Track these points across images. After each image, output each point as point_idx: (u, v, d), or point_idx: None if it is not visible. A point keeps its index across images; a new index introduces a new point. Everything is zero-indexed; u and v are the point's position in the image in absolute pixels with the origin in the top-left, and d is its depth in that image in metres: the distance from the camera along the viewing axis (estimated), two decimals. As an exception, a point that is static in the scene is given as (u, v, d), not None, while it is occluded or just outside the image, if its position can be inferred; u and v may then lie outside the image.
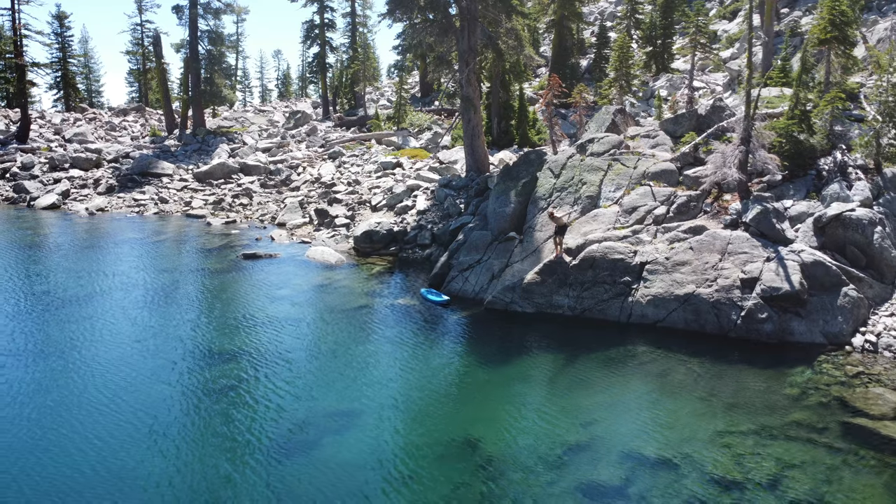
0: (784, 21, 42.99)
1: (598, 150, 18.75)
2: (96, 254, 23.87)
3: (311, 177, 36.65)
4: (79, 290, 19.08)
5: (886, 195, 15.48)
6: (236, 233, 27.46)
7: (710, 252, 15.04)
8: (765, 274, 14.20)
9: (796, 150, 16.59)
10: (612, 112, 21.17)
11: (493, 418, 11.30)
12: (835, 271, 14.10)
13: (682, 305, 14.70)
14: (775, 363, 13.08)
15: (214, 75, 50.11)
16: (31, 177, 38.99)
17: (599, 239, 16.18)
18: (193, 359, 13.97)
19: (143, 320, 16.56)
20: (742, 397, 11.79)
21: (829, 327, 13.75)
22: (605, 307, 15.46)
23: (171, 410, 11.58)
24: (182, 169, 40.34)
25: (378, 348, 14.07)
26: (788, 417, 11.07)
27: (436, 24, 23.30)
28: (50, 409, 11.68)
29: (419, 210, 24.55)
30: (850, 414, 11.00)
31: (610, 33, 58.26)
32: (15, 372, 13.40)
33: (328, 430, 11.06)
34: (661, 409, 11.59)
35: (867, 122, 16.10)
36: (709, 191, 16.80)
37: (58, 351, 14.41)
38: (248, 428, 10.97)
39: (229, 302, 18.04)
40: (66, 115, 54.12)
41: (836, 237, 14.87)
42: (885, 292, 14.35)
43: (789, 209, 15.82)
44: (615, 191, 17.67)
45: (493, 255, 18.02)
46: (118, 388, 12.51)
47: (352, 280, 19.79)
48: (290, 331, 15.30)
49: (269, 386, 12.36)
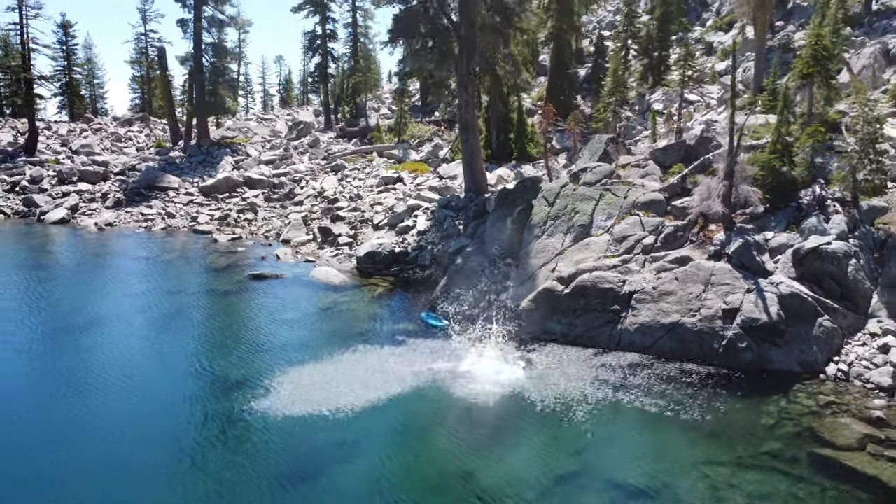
0: (778, 35, 43.67)
1: (590, 179, 19.64)
2: (109, 275, 24.78)
3: (314, 191, 37.54)
4: (93, 315, 19.95)
5: (862, 228, 16.34)
6: (242, 250, 28.35)
7: (694, 283, 15.91)
8: (745, 305, 15.07)
9: (778, 182, 17.45)
10: (604, 141, 22.03)
11: (485, 448, 12.14)
12: (810, 303, 14.97)
13: (668, 334, 15.58)
14: (754, 392, 13.94)
15: (218, 87, 50.99)
16: (41, 190, 39.88)
17: (591, 268, 17.05)
18: (204, 387, 14.85)
19: (155, 348, 17.44)
20: (721, 427, 12.64)
21: (805, 356, 14.63)
22: (596, 334, 16.35)
23: (180, 439, 12.44)
24: (188, 182, 41.24)
25: (379, 377, 14.87)
26: (763, 448, 11.93)
27: (436, 50, 24.15)
28: (57, 436, 12.58)
29: (419, 230, 25.44)
30: (819, 445, 11.85)
31: (607, 42, 59.11)
32: (33, 400, 14.32)
33: (335, 459, 11.94)
34: (646, 437, 12.45)
35: (844, 157, 16.92)
36: (695, 221, 17.66)
37: (72, 381, 15.26)
38: (256, 455, 11.83)
39: (239, 327, 18.91)
40: (73, 125, 55.01)
41: (813, 269, 15.74)
42: (858, 322, 15.21)
43: (770, 241, 16.69)
44: (606, 220, 18.55)
45: (490, 280, 18.91)
46: (126, 419, 13.34)
47: (356, 303, 20.68)
48: (297, 358, 16.14)
49: (276, 414, 13.18)
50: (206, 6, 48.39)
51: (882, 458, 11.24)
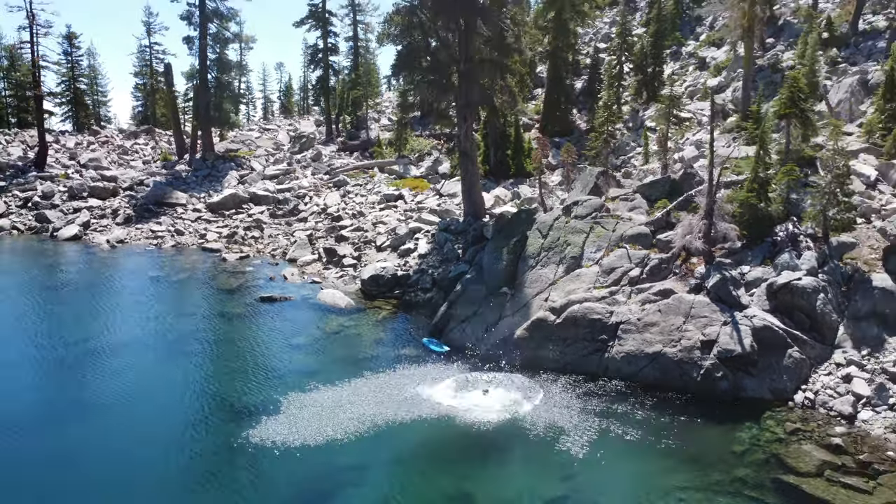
0: (767, 54, 44.82)
1: (581, 213, 20.96)
2: (124, 297, 26.05)
3: (318, 207, 38.83)
4: (112, 339, 21.24)
5: (831, 263, 17.66)
6: (251, 270, 29.64)
7: (675, 315, 17.24)
8: (721, 337, 16.41)
9: (755, 219, 18.78)
10: (595, 174, 23.34)
11: (482, 471, 13.45)
12: (781, 335, 16.30)
13: (651, 363, 16.90)
14: (728, 419, 15.26)
15: (223, 101, 52.24)
16: (52, 206, 41.13)
17: (581, 299, 18.37)
18: (221, 411, 16.14)
19: (172, 373, 18.72)
20: (698, 454, 13.95)
21: (776, 384, 15.96)
22: (585, 362, 17.67)
23: (200, 458, 13.78)
24: (195, 198, 42.50)
25: (384, 404, 16.13)
26: (734, 474, 13.23)
27: (436, 83, 25.42)
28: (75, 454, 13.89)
29: (420, 254, 26.75)
30: (783, 471, 13.17)
31: (602, 54, 60.33)
32: (52, 421, 15.57)
33: (343, 483, 13.27)
34: (628, 464, 13.74)
35: (816, 197, 18.21)
36: (678, 254, 18.97)
37: (94, 403, 16.57)
38: (270, 477, 13.13)
39: (252, 353, 20.17)
40: (80, 138, 56.18)
41: (785, 302, 17.07)
42: (826, 353, 16.53)
43: (746, 274, 18.03)
44: (596, 252, 19.87)
45: (488, 308, 20.23)
46: (146, 440, 14.76)
47: (361, 327, 21.99)
48: (308, 385, 17.36)
49: (289, 440, 14.44)
50: (212, 24, 49.64)
51: (837, 484, 12.57)
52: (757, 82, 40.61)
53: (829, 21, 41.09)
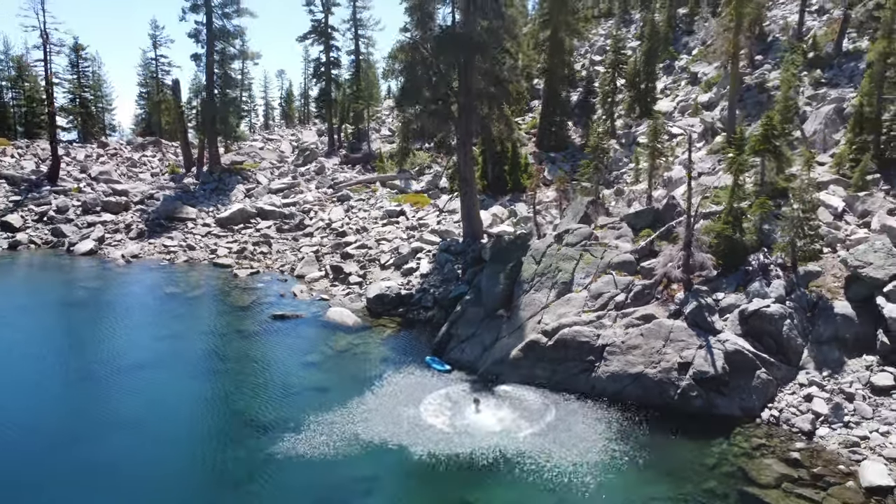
0: (757, 72, 46.35)
1: (572, 241, 22.71)
2: (144, 314, 27.76)
3: (323, 222, 40.53)
4: (135, 356, 22.89)
5: (798, 291, 19.42)
6: (262, 286, 31.35)
7: (656, 339, 18.98)
8: (697, 360, 18.16)
9: (730, 249, 20.53)
10: (585, 204, 25.08)
11: (479, 482, 15.16)
12: (751, 358, 18.05)
13: (634, 382, 18.64)
14: (701, 435, 16.97)
15: (228, 115, 53.90)
16: (67, 220, 42.76)
17: (570, 323, 20.11)
18: (243, 427, 17.77)
19: (193, 390, 20.40)
20: (673, 467, 15.65)
21: (745, 403, 17.71)
22: (574, 381, 19.40)
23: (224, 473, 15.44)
24: (204, 212, 44.20)
25: (391, 419, 17.86)
26: (703, 486, 14.95)
27: (438, 114, 27.13)
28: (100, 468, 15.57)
29: (422, 273, 28.48)
30: (746, 483, 14.90)
31: (598, 66, 61.97)
32: (76, 436, 17.20)
33: (355, 493, 14.96)
34: (611, 475, 15.43)
35: (784, 229, 19.94)
36: (659, 281, 20.71)
37: (120, 419, 18.17)
38: (287, 487, 14.82)
39: (268, 370, 21.84)
40: (90, 150, 57.78)
41: (755, 327, 18.82)
42: (791, 374, 18.28)
43: (721, 301, 19.79)
44: (585, 277, 21.61)
45: (485, 329, 21.97)
46: (169, 454, 16.42)
47: (368, 345, 23.71)
48: (320, 401, 19.05)
49: (305, 453, 16.12)
50: (218, 42, 51.29)
51: (792, 495, 14.31)
52: (745, 101, 42.39)
53: (815, 41, 42.72)
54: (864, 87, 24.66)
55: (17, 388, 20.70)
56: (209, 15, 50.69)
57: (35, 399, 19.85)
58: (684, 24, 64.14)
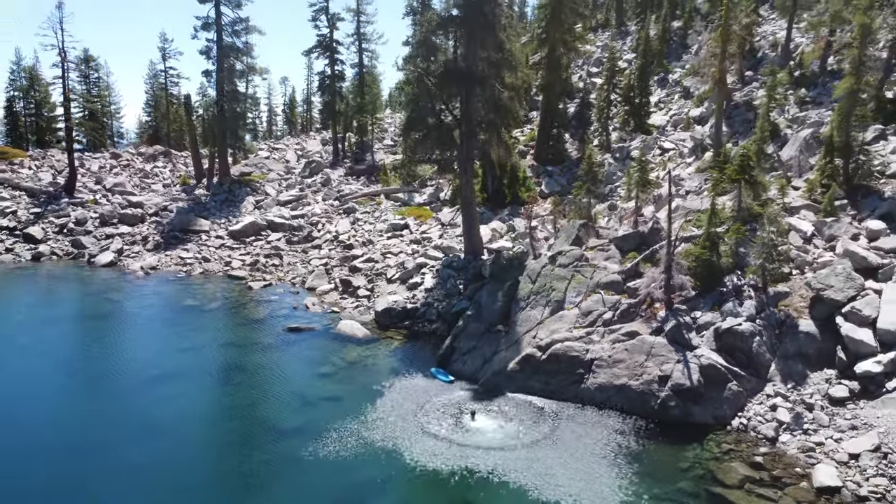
0: (746, 88, 48.10)
1: (564, 262, 24.79)
2: (168, 327, 29.76)
3: (330, 235, 42.60)
4: (162, 368, 24.77)
5: (767, 310, 21.49)
6: (275, 298, 33.42)
7: (639, 353, 21.06)
8: (675, 373, 20.24)
9: (707, 271, 22.60)
10: (577, 227, 27.16)
11: (480, 482, 17.21)
12: (723, 371, 20.13)
13: (619, 393, 20.72)
14: (677, 440, 19.05)
15: (238, 129, 55.99)
16: (86, 232, 44.82)
17: (562, 339, 22.19)
18: (264, 433, 19.80)
19: (219, 399, 22.53)
20: (650, 469, 17.71)
21: (718, 412, 19.78)
22: (566, 391, 21.47)
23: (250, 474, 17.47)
24: (216, 224, 46.26)
25: (400, 427, 19.92)
26: (676, 486, 17.02)
27: (441, 140, 29.22)
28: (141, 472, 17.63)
29: (426, 288, 30.55)
30: (714, 484, 16.96)
31: (595, 79, 63.99)
32: (117, 443, 19.21)
33: (369, 493, 17.00)
34: (595, 475, 17.48)
35: (756, 254, 21.99)
36: (643, 300, 22.79)
37: (152, 427, 20.13)
38: (309, 488, 16.86)
39: (286, 380, 23.86)
40: (103, 161, 59.76)
41: (728, 344, 20.89)
42: (759, 386, 20.35)
43: (698, 319, 21.86)
44: (576, 296, 23.68)
45: (485, 343, 24.05)
46: (202, 459, 18.45)
47: (377, 357, 25.79)
48: (337, 409, 21.14)
49: (324, 457, 18.15)
50: (228, 59, 53.36)
51: (753, 494, 16.37)
52: (733, 119, 44.40)
53: (801, 59, 44.67)
54: (834, 119, 26.72)
55: (53, 396, 22.80)
56: (219, 33, 52.74)
57: (71, 407, 21.87)
58: (678, 38, 66.07)
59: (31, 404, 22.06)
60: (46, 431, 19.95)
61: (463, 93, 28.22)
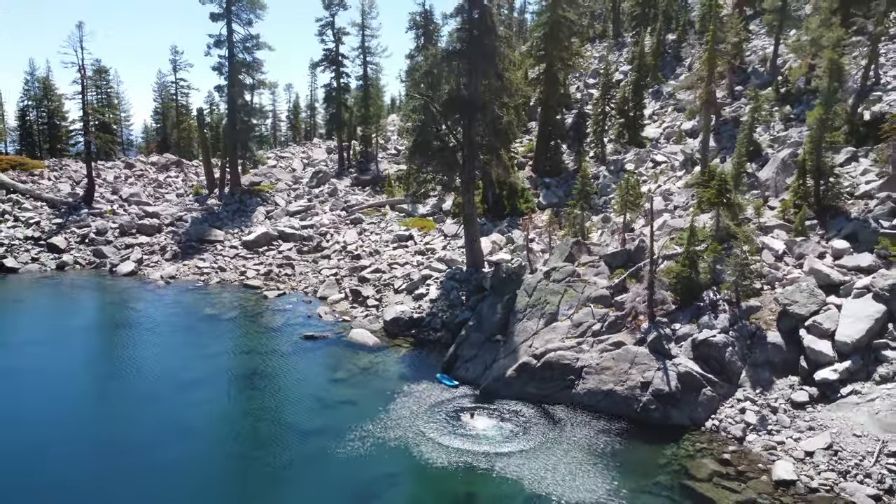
0: (734, 104, 50.29)
1: (557, 277, 27.19)
2: (192, 335, 32.13)
3: (339, 245, 44.99)
4: (189, 374, 27.04)
5: (740, 323, 23.88)
6: (290, 307, 35.82)
7: (624, 362, 23.46)
8: (655, 379, 22.63)
9: (686, 287, 24.99)
10: (570, 244, 29.57)
11: (480, 475, 19.59)
12: (698, 378, 22.52)
13: (606, 397, 23.11)
14: (657, 440, 21.42)
15: (248, 141, 58.40)
16: (106, 242, 47.23)
17: (556, 348, 24.59)
18: (287, 434, 22.11)
19: (243, 403, 24.80)
20: (633, 466, 20.05)
21: (693, 414, 22.17)
22: (558, 395, 23.87)
23: (277, 470, 19.87)
24: (230, 234, 48.65)
25: (409, 427, 22.29)
26: (654, 479, 19.39)
27: (445, 162, 31.64)
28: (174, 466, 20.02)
29: (431, 298, 32.95)
30: (686, 478, 19.35)
31: (592, 90, 66.25)
32: (160, 444, 21.62)
33: (383, 486, 19.35)
34: (583, 471, 19.85)
35: (730, 272, 24.38)
36: (629, 313, 25.18)
37: (185, 430, 22.44)
38: (331, 481, 19.25)
39: (304, 385, 26.20)
40: (118, 171, 62.17)
41: (703, 353, 23.29)
42: (731, 391, 22.73)
43: (678, 331, 24.25)
44: (568, 309, 26.07)
45: (486, 351, 26.45)
46: (233, 458, 20.73)
47: (387, 363, 28.19)
48: (353, 412, 23.54)
49: (342, 455, 20.52)
50: (239, 74, 55.76)
51: (720, 487, 18.75)
52: (721, 134, 46.68)
53: (788, 76, 46.83)
54: (807, 145, 29.08)
55: (93, 399, 25.24)
56: (231, 50, 55.18)
57: (110, 409, 24.20)
58: (672, 50, 68.28)
59: (75, 405, 24.51)
60: (92, 431, 22.36)
61: (466, 119, 30.63)
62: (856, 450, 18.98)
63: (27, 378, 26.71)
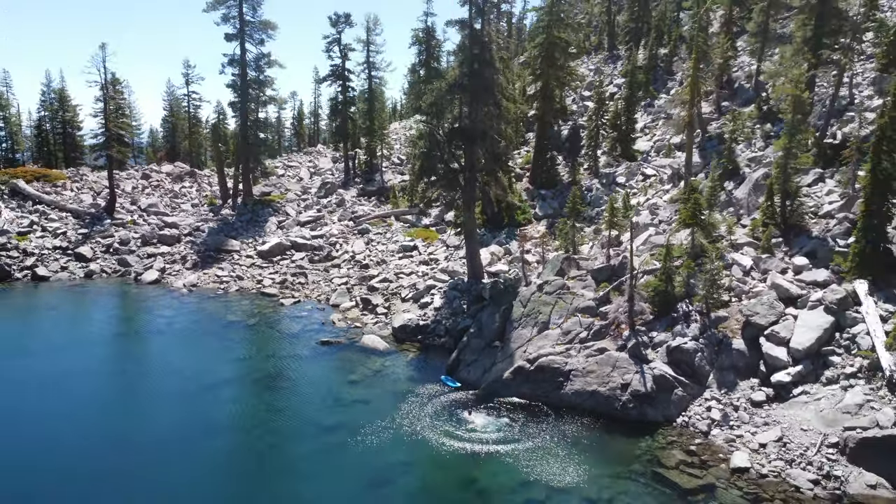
0: (721, 120, 53.11)
1: (549, 290, 30.39)
2: (217, 340, 35.22)
3: (348, 255, 48.17)
4: (216, 376, 30.16)
5: (709, 331, 27.08)
6: (305, 314, 39.00)
7: (607, 366, 26.65)
8: (634, 381, 25.83)
9: (663, 299, 28.19)
10: (561, 259, 32.77)
11: (476, 466, 22.76)
12: (671, 380, 25.72)
13: (590, 397, 26.31)
14: (634, 434, 24.58)
15: (259, 154, 61.57)
16: (130, 251, 50.40)
17: (547, 354, 27.79)
18: (309, 429, 25.23)
19: (269, 402, 27.77)
20: (611, 456, 23.23)
21: (666, 412, 25.36)
22: (549, 396, 27.07)
23: (302, 461, 23.02)
24: (245, 244, 51.83)
25: (418, 422, 25.48)
26: (629, 467, 22.57)
27: (448, 183, 34.87)
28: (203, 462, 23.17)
29: (436, 307, 36.14)
30: (657, 466, 22.51)
31: (587, 102, 69.24)
32: (183, 442, 24.78)
33: (396, 473, 22.52)
34: (568, 461, 23.00)
35: (701, 285, 27.55)
36: (612, 323, 28.38)
37: (215, 427, 25.57)
38: (348, 468, 22.42)
39: (322, 386, 29.32)
40: (135, 181, 65.30)
41: (676, 358, 26.49)
42: (700, 392, 25.91)
43: (654, 338, 27.45)
44: (559, 318, 29.27)
45: (485, 356, 29.65)
46: (260, 450, 23.95)
47: (396, 366, 31.39)
48: (367, 410, 26.71)
49: (359, 447, 23.68)
50: (252, 90, 58.93)
51: (685, 474, 21.94)
52: (706, 150, 49.75)
53: (768, 95, 49.74)
54: (774, 169, 32.24)
55: (129, 399, 28.40)
56: (244, 68, 58.32)
57: (145, 408, 27.30)
58: (664, 64, 71.25)
59: (113, 403, 27.74)
60: (131, 427, 25.40)
61: (467, 145, 33.84)
62: (801, 441, 22.19)
63: (72, 380, 29.86)
